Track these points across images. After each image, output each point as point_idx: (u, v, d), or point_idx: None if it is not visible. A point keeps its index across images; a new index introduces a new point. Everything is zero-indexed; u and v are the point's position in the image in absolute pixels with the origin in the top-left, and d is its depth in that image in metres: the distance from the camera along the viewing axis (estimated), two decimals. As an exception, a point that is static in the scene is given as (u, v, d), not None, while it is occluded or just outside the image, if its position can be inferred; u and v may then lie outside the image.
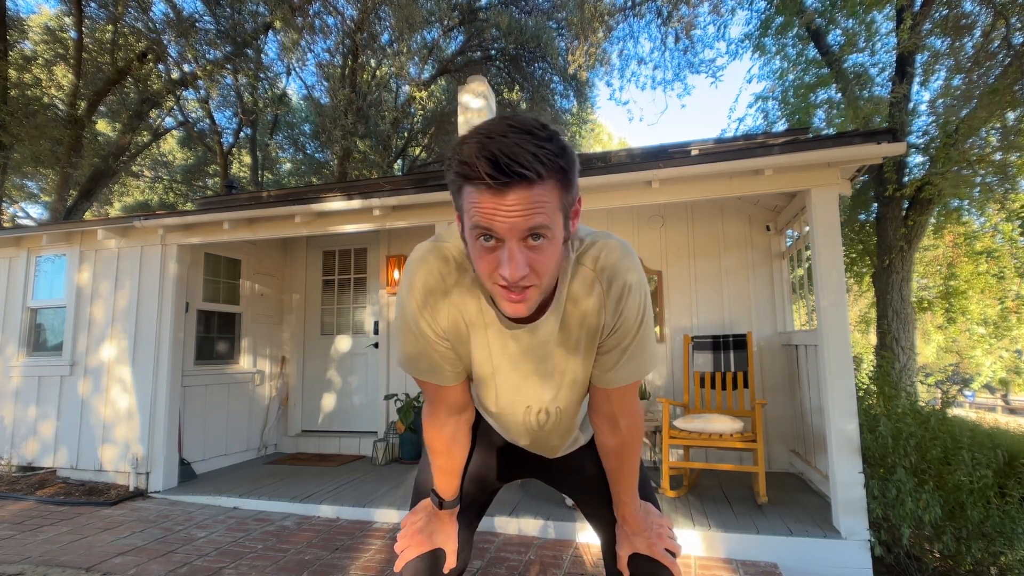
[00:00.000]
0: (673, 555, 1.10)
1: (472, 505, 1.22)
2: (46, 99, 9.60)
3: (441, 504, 1.14)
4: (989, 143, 5.75)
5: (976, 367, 13.14)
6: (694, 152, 4.36)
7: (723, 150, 3.90)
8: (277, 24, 8.84)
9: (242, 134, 13.13)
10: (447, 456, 1.10)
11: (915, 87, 6.37)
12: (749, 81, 21.46)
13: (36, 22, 10.66)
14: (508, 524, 3.24)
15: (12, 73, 8.62)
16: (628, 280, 0.91)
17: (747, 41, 9.19)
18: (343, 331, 5.59)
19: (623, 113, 63.77)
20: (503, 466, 1.24)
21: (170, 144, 14.83)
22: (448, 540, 1.15)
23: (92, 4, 9.13)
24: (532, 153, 0.71)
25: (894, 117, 5.90)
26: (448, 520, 1.16)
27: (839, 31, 7.63)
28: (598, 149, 17.17)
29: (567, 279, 0.92)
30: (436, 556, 1.12)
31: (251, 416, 5.19)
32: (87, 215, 10.19)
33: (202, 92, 10.94)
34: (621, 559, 1.12)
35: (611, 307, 0.92)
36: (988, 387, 18.85)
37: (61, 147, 8.72)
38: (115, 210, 15.19)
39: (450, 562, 1.14)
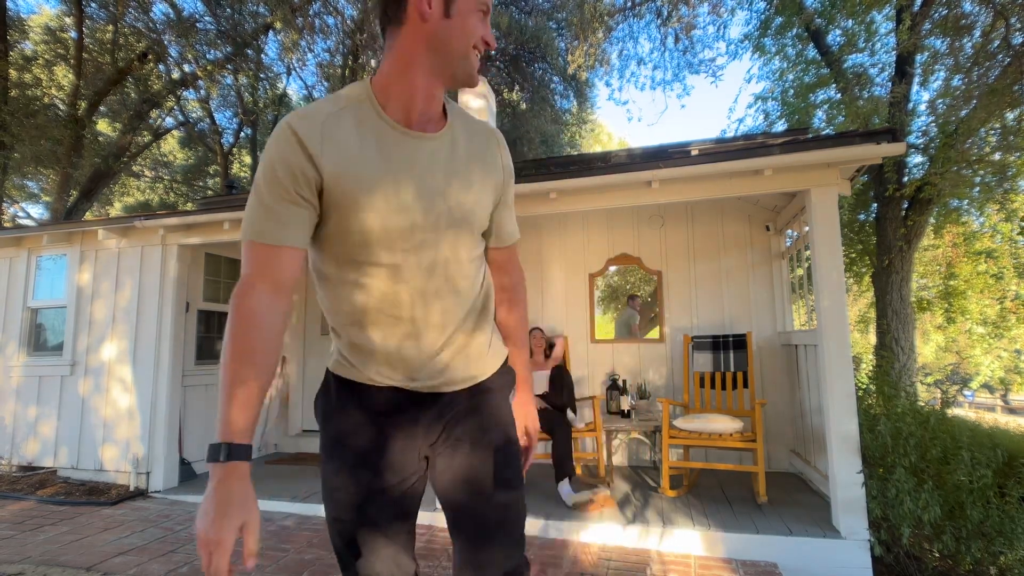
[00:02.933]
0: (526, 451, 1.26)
1: (398, 501, 1.07)
2: (46, 99, 9.61)
3: (230, 452, 0.80)
4: (988, 143, 5.76)
5: (975, 367, 13.16)
6: (694, 152, 4.37)
7: (723, 150, 3.91)
8: (277, 24, 8.84)
9: (242, 134, 13.13)
10: (249, 358, 0.84)
11: (915, 87, 6.38)
12: (749, 81, 21.45)
13: (36, 22, 10.67)
14: (508, 524, 3.23)
15: (12, 73, 8.63)
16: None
17: (747, 41, 9.20)
18: (343, 331, 5.58)
19: (623, 113, 63.74)
20: (391, 439, 1.06)
21: (170, 144, 14.82)
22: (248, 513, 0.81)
23: (92, 4, 9.14)
24: None
25: (894, 117, 5.90)
26: (244, 487, 0.81)
27: (839, 31, 7.64)
28: (598, 149, 17.16)
29: (452, 106, 1.05)
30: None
31: (251, 416, 5.18)
32: (87, 215, 10.18)
33: (202, 92, 10.95)
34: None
35: (507, 163, 1.10)
36: (987, 387, 18.86)
37: (61, 147, 8.72)
38: (115, 210, 15.19)
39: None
